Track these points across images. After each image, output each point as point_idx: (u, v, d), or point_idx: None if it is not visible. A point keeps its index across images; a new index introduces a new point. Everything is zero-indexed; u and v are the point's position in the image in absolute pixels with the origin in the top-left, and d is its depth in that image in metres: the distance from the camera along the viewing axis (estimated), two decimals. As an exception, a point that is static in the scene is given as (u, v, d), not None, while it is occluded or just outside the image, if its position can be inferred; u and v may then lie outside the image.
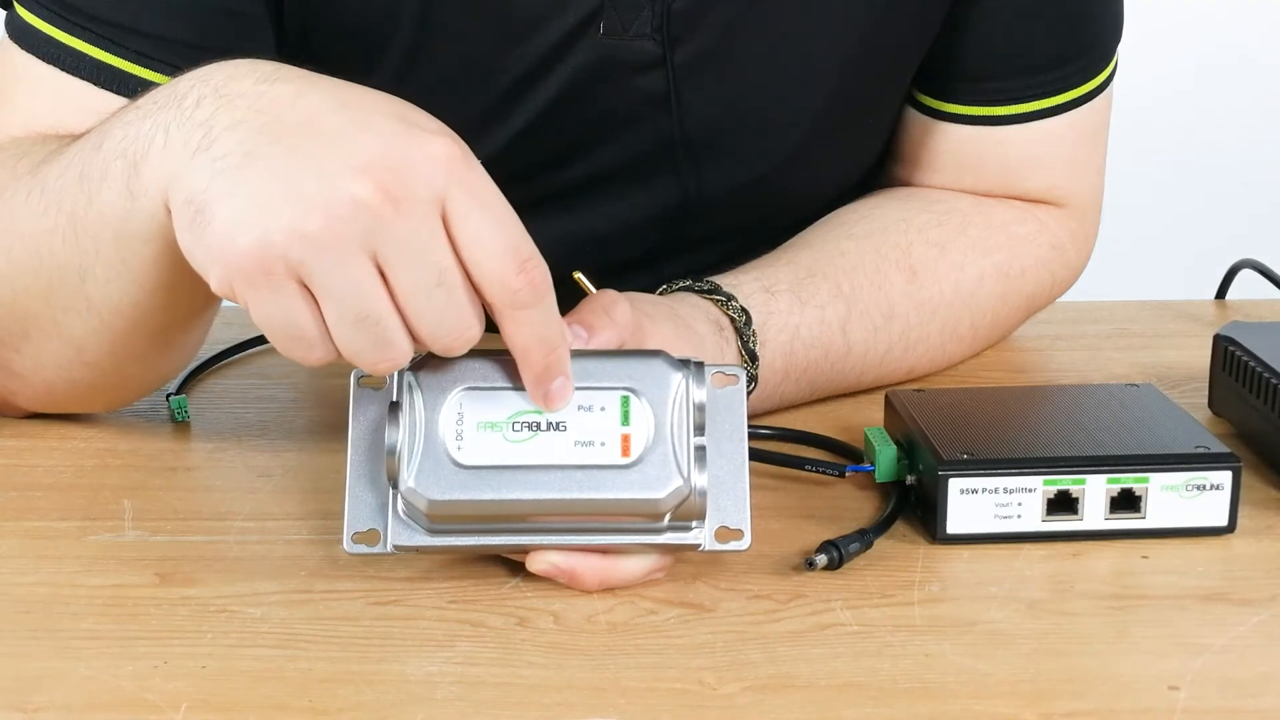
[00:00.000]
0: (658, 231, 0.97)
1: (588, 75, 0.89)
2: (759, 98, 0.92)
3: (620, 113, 0.91)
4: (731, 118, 0.92)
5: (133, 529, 0.73)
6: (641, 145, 0.92)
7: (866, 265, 0.88)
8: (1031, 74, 0.95)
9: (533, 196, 0.95)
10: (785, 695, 0.60)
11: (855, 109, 0.95)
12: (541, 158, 0.92)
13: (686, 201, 0.95)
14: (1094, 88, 0.96)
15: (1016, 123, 0.96)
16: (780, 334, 0.83)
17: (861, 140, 0.98)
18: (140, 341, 0.76)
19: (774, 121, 0.93)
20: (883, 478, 0.75)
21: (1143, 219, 2.24)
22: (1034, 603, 0.67)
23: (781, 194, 0.97)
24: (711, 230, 0.97)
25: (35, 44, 0.83)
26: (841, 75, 0.92)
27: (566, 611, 0.66)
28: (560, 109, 0.90)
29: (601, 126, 0.92)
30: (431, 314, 0.62)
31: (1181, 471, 0.71)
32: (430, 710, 0.59)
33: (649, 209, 0.95)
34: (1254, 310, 1.05)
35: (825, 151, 0.96)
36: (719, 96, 0.91)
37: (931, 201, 0.95)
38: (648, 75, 0.89)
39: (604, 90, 0.89)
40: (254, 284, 0.61)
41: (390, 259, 0.61)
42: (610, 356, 0.67)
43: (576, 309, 0.70)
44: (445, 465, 0.64)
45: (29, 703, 0.59)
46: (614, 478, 0.64)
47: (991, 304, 0.93)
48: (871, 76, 0.94)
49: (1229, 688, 0.61)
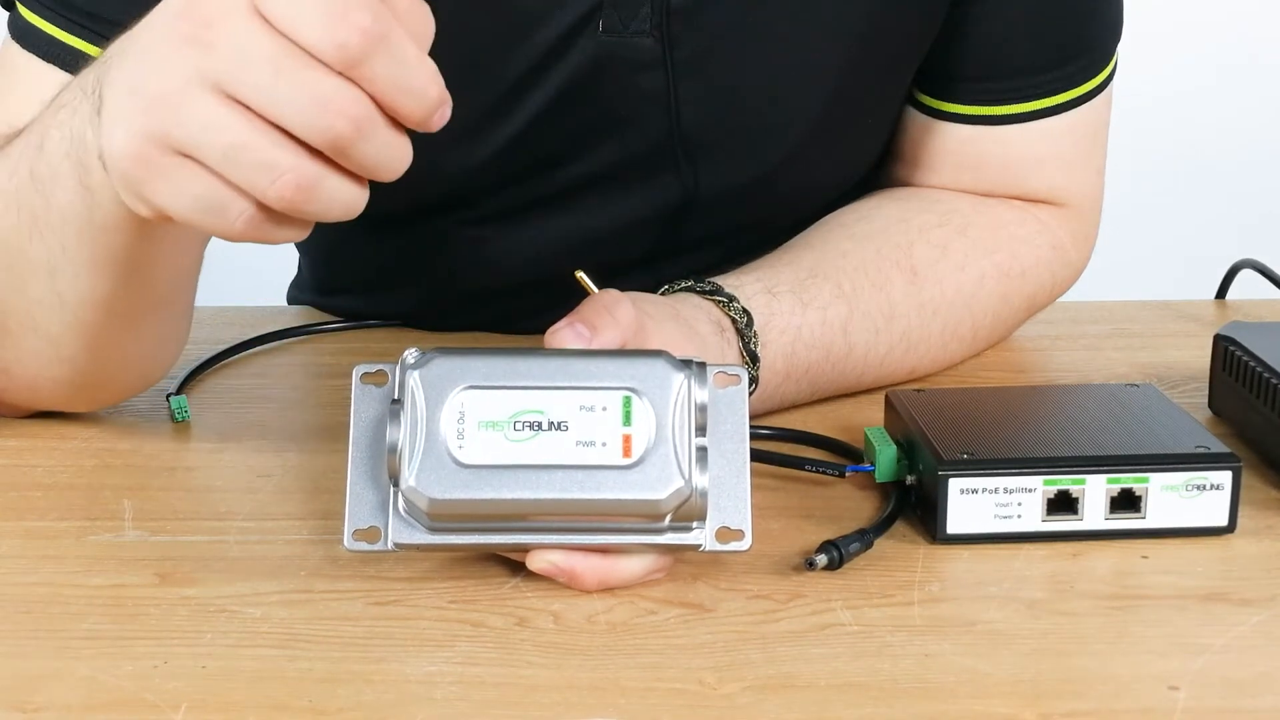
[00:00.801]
0: (657, 230, 0.97)
1: (587, 73, 0.89)
2: (758, 97, 0.92)
3: (620, 111, 0.91)
4: (731, 117, 0.92)
5: (133, 529, 0.73)
6: (641, 143, 0.92)
7: (868, 266, 0.88)
8: (1032, 74, 0.95)
9: (533, 195, 0.96)
10: (785, 695, 0.60)
11: (855, 109, 0.95)
12: (542, 155, 0.92)
13: (686, 200, 0.94)
14: (1094, 87, 0.96)
15: (1016, 122, 0.96)
16: (782, 335, 0.83)
17: (861, 140, 0.98)
18: (114, 333, 0.77)
19: (773, 121, 0.93)
20: (883, 478, 0.75)
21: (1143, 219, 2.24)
22: (1034, 603, 0.67)
23: (781, 193, 0.97)
24: (711, 229, 0.97)
25: (35, 43, 0.83)
26: (841, 75, 0.92)
27: (566, 611, 0.66)
28: (560, 107, 0.90)
29: (601, 124, 0.91)
30: (289, 106, 0.60)
31: (1181, 471, 0.71)
32: (430, 710, 0.59)
33: (648, 208, 0.95)
34: (1254, 310, 1.05)
35: (825, 151, 0.96)
36: (718, 95, 0.91)
37: (932, 202, 0.95)
38: (647, 73, 0.89)
39: (603, 88, 0.89)
40: (147, 179, 0.63)
41: (227, 80, 0.61)
42: (612, 356, 0.67)
43: (579, 308, 0.70)
44: (446, 464, 0.64)
45: (29, 703, 0.59)
46: (615, 478, 0.64)
47: (993, 304, 0.93)
48: (871, 76, 0.94)
49: (1229, 688, 0.61)
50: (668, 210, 0.95)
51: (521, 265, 0.99)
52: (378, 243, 1.05)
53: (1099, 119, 0.98)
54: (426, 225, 0.99)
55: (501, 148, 0.91)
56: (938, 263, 0.90)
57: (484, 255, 1.01)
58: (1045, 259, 0.96)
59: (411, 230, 1.01)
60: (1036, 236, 0.96)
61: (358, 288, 1.09)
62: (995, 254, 0.93)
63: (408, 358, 0.66)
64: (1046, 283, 0.97)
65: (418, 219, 0.99)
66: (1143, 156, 2.19)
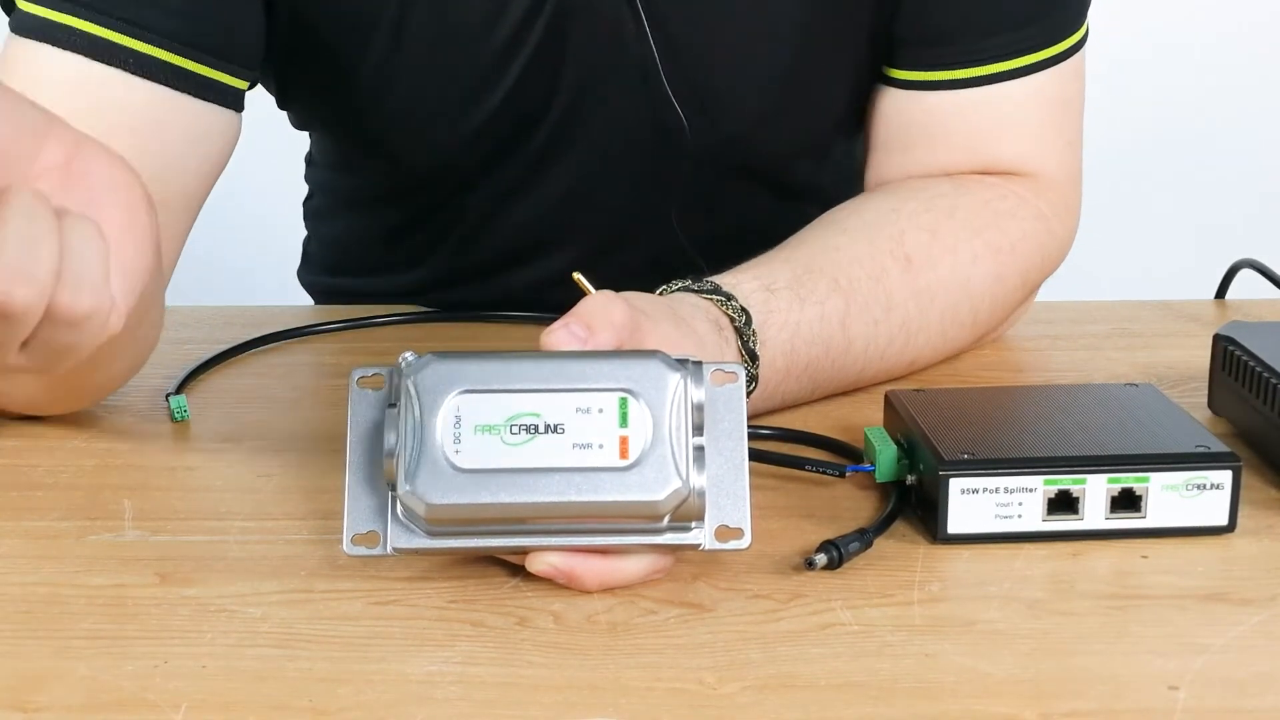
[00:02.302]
0: (650, 191, 1.02)
1: (565, 31, 0.95)
2: (726, 53, 0.97)
3: (600, 67, 0.96)
4: (703, 73, 0.97)
5: (133, 529, 0.73)
6: (624, 100, 0.98)
7: (862, 258, 0.89)
8: (986, 37, 0.95)
9: (527, 158, 1.00)
10: (785, 695, 0.60)
11: (821, 64, 0.98)
12: (530, 117, 0.98)
13: (674, 153, 0.99)
14: (1058, 53, 0.97)
15: (975, 86, 0.96)
16: (781, 332, 0.83)
17: (831, 94, 1.01)
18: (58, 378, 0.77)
19: (743, 75, 0.98)
20: (883, 478, 0.75)
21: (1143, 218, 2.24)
22: (1034, 602, 0.67)
23: (762, 148, 1.02)
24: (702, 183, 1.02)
25: (33, 29, 0.85)
26: (804, 29, 0.97)
27: (566, 611, 0.66)
28: (541, 68, 0.96)
29: (584, 81, 0.97)
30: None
31: (1182, 471, 0.71)
32: (430, 710, 0.59)
33: (638, 161, 1.00)
34: (1254, 310, 1.05)
35: (792, 112, 1.00)
36: (689, 51, 0.96)
37: (916, 190, 0.96)
38: (622, 27, 0.94)
39: (582, 46, 0.96)
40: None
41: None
42: (607, 358, 0.67)
43: (574, 309, 0.70)
44: (443, 468, 0.64)
45: (29, 703, 0.59)
46: (612, 480, 0.64)
47: (988, 284, 0.93)
48: (833, 30, 0.97)
49: (1229, 688, 0.61)
50: (649, 179, 1.00)
51: (523, 227, 1.05)
52: (382, 220, 1.09)
53: (1070, 88, 0.99)
54: (426, 199, 1.06)
55: (491, 114, 0.96)
56: (930, 247, 0.91)
57: (486, 222, 1.07)
58: (1031, 230, 0.96)
59: (414, 205, 1.08)
60: (1019, 209, 0.96)
61: (365, 267, 1.11)
62: (984, 232, 0.94)
63: (403, 361, 0.66)
64: (1036, 256, 0.97)
65: (418, 193, 1.05)
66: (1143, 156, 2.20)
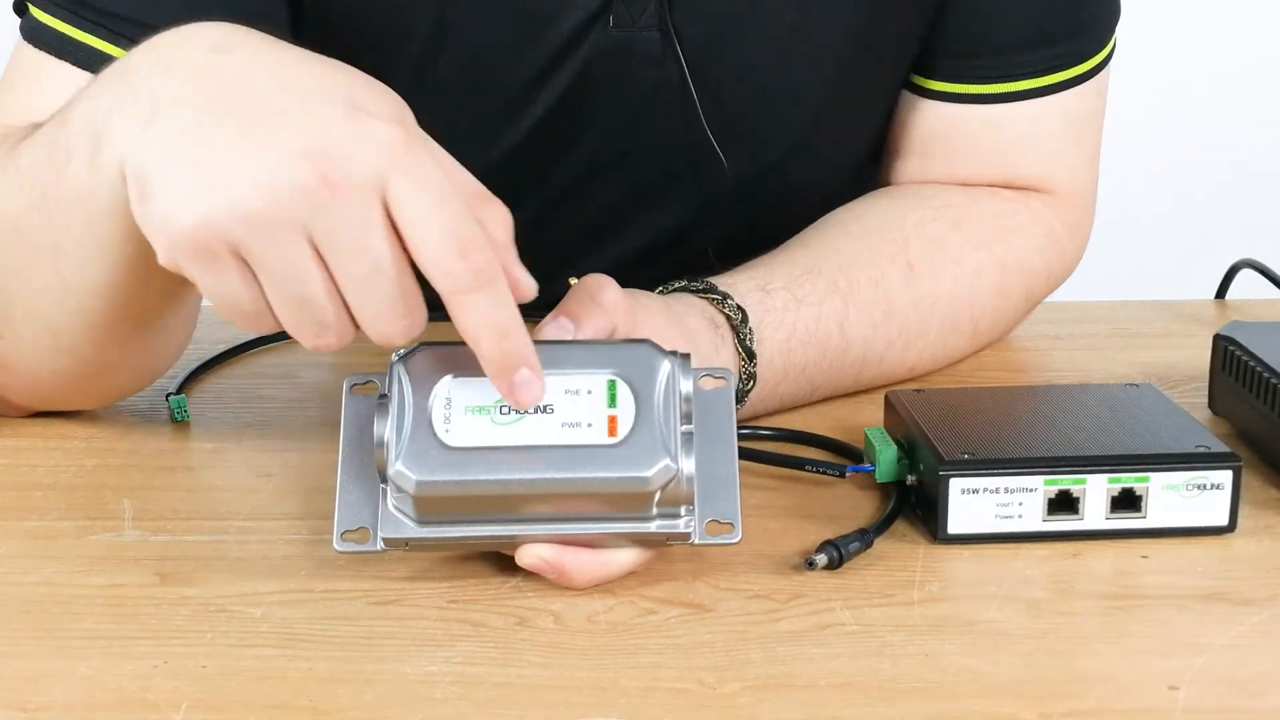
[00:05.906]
0: (673, 226, 1.00)
1: (600, 66, 0.92)
2: (764, 82, 0.94)
3: (633, 104, 0.94)
4: (740, 104, 0.94)
5: (133, 529, 0.73)
6: (655, 136, 0.95)
7: (864, 262, 0.88)
8: (1020, 52, 0.95)
9: (549, 189, 0.98)
10: (785, 695, 0.60)
11: (858, 92, 0.96)
12: (554, 150, 0.96)
13: (702, 195, 0.97)
14: (1086, 70, 0.96)
15: (1004, 102, 0.96)
16: (777, 331, 0.83)
17: (866, 123, 0.99)
18: (116, 324, 0.76)
19: (780, 106, 0.95)
20: (883, 478, 0.75)
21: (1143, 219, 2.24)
22: (1034, 602, 0.67)
23: (792, 181, 0.99)
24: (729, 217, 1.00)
25: (47, 41, 0.84)
26: (842, 59, 0.94)
27: (566, 611, 0.66)
28: (572, 103, 0.93)
29: (614, 118, 0.94)
30: (368, 302, 0.62)
31: (1182, 471, 0.71)
32: (430, 710, 0.59)
33: (666, 207, 0.98)
34: (1254, 310, 1.05)
35: (829, 138, 0.97)
36: (726, 84, 0.93)
37: (925, 197, 0.95)
38: (658, 66, 0.92)
39: (617, 80, 0.92)
40: (196, 260, 0.62)
41: (327, 245, 0.61)
42: (598, 344, 0.67)
43: (563, 301, 0.70)
44: (433, 447, 0.64)
45: (29, 703, 0.59)
46: (601, 456, 0.64)
47: (990, 297, 0.93)
48: (872, 57, 0.95)
49: (1229, 688, 0.61)
50: (684, 210, 0.97)
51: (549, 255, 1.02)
52: None
53: (1093, 106, 0.98)
54: None
55: (516, 144, 0.94)
56: (934, 256, 0.91)
57: None
58: (1040, 249, 0.96)
59: None
60: (1031, 226, 0.96)
61: None
62: (991, 246, 0.93)
63: (395, 355, 0.66)
64: (1042, 273, 0.97)
65: None
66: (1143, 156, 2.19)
